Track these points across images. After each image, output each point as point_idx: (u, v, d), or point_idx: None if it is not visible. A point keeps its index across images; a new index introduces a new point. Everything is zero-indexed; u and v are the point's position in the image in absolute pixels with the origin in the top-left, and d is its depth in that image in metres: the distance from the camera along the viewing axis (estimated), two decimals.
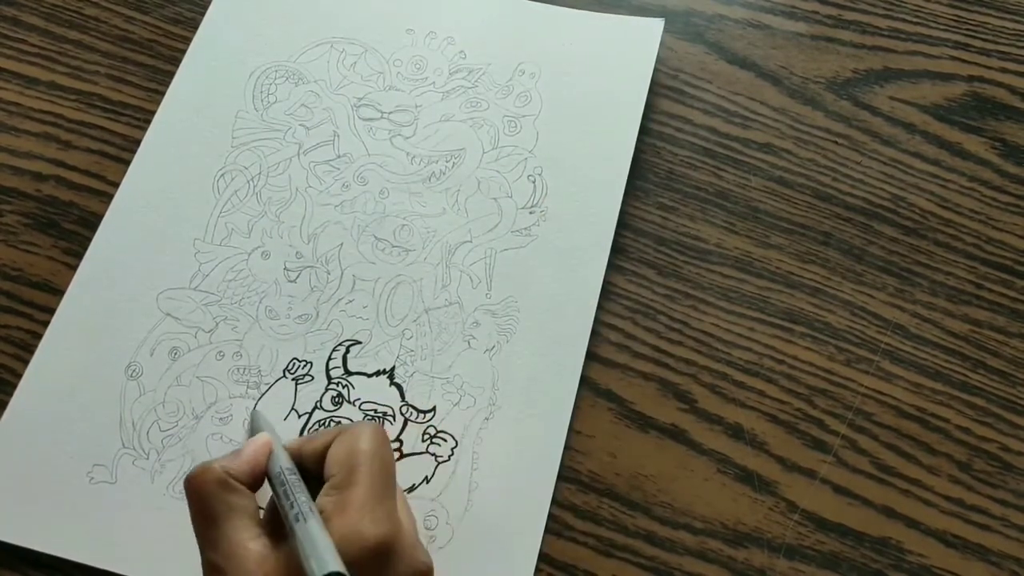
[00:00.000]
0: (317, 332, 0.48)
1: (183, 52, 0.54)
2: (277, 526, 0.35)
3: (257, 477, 0.37)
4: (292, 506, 0.34)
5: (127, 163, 0.52)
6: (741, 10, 0.56)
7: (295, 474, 0.36)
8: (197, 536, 0.35)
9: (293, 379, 0.47)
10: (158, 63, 0.55)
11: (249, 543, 0.34)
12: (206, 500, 0.35)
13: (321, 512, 0.34)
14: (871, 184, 0.51)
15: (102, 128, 0.53)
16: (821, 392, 0.47)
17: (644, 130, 0.52)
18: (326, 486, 0.35)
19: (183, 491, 0.44)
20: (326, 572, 0.31)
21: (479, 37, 0.55)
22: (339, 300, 0.48)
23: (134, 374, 0.47)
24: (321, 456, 0.37)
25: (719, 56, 0.55)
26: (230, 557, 0.33)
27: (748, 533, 0.44)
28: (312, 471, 0.37)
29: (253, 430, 0.43)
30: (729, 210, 0.51)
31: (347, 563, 0.32)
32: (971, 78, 0.54)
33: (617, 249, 0.50)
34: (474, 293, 0.48)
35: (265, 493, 0.37)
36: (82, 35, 0.56)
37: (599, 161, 0.51)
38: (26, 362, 0.47)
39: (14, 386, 0.46)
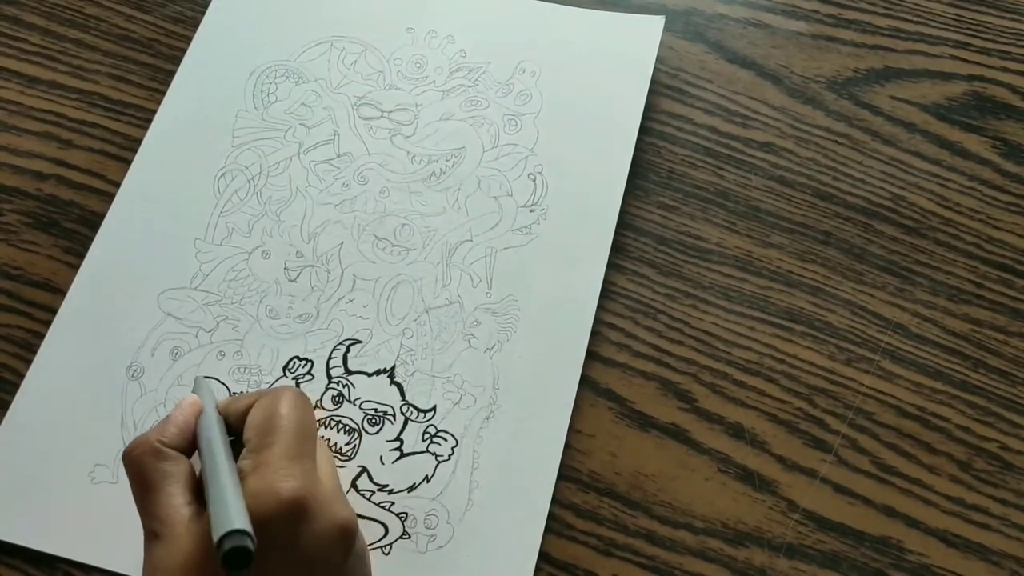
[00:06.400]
0: (317, 331, 0.48)
1: (184, 51, 0.55)
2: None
3: (189, 440, 0.38)
4: (209, 467, 0.35)
5: (128, 162, 0.52)
6: (741, 9, 0.56)
7: (220, 435, 0.37)
8: (137, 506, 0.36)
9: (293, 378, 0.47)
10: (159, 62, 0.55)
11: (182, 508, 0.35)
12: (142, 470, 0.36)
13: (240, 473, 0.35)
14: (872, 183, 0.51)
15: (103, 127, 0.53)
16: (821, 391, 0.47)
17: (644, 129, 0.52)
18: (244, 450, 0.36)
19: None
20: (225, 531, 0.31)
21: (479, 35, 0.55)
22: (339, 299, 0.48)
23: (135, 374, 0.47)
24: (243, 418, 0.38)
25: (719, 55, 0.55)
26: (164, 522, 0.35)
27: (748, 532, 0.44)
28: (238, 432, 0.38)
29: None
30: (730, 209, 0.51)
31: (261, 519, 0.33)
32: (971, 77, 0.54)
33: (617, 248, 0.50)
34: (474, 292, 0.48)
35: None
36: (83, 34, 0.56)
37: (599, 160, 0.51)
38: (28, 362, 0.47)
39: (16, 386, 0.47)
